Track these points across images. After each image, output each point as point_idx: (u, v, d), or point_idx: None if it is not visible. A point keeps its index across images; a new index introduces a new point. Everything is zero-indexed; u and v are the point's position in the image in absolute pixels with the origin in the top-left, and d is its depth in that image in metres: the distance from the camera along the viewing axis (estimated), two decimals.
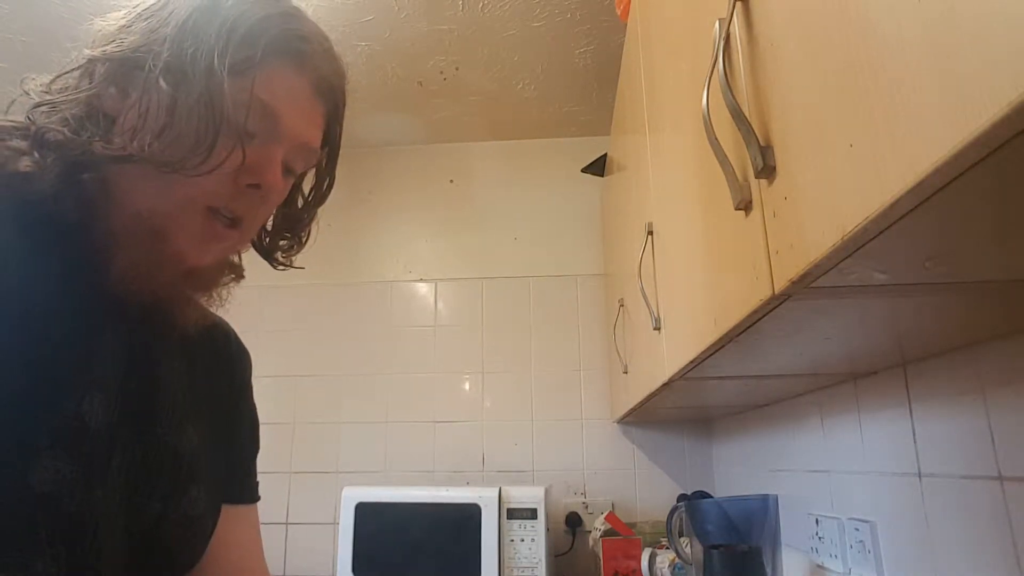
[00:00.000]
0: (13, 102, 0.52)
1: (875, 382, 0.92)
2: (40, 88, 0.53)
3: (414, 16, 1.68)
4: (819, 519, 1.10)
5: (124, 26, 0.52)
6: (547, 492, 1.70)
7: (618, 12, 1.44)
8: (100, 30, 0.53)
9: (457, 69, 1.91)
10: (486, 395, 2.09)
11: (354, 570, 1.65)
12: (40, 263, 0.49)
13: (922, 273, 0.45)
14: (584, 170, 2.17)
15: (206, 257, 0.54)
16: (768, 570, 1.08)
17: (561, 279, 2.18)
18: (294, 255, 0.68)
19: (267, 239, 0.65)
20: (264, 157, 0.53)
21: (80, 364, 0.49)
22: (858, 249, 0.39)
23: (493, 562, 1.59)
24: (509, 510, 1.64)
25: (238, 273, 0.62)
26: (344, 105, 0.62)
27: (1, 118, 0.51)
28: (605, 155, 2.00)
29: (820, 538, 1.09)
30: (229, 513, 0.65)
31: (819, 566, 1.10)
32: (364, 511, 1.70)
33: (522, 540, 1.62)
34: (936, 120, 0.29)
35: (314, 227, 0.68)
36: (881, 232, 0.36)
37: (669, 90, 0.91)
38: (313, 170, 0.63)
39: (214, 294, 0.60)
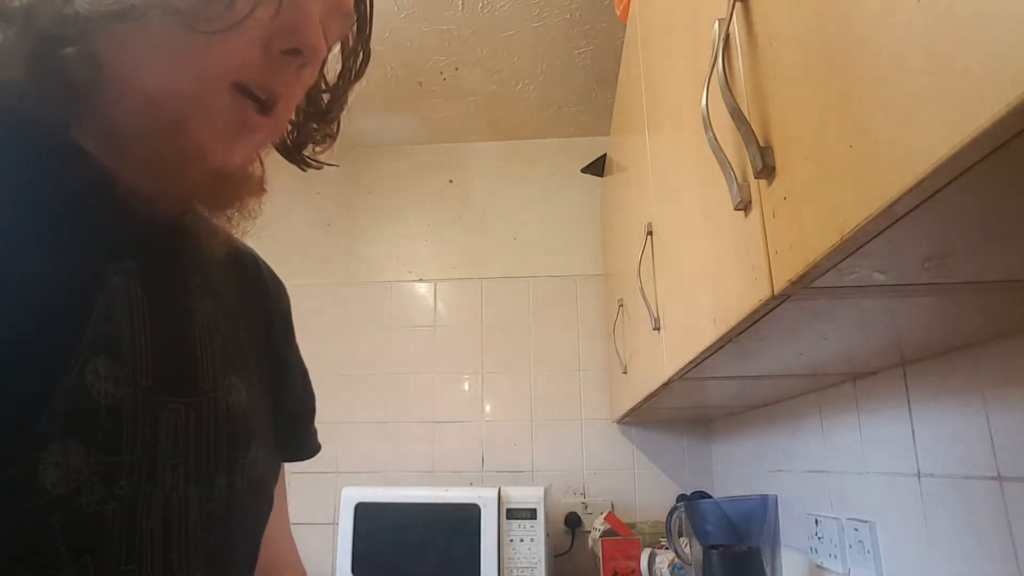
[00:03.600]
0: None
1: (874, 382, 0.92)
2: None
3: (414, 16, 1.68)
4: (818, 519, 1.10)
5: None
6: (546, 492, 1.70)
7: (618, 12, 1.44)
8: None
9: (457, 69, 1.91)
10: (486, 395, 2.09)
11: (353, 570, 1.65)
12: (27, 189, 0.37)
13: (921, 273, 0.45)
14: (584, 170, 2.18)
15: (235, 155, 0.43)
16: (767, 570, 1.08)
17: (561, 279, 2.18)
18: (326, 150, 0.56)
19: (293, 131, 0.54)
20: (300, 14, 0.41)
21: (79, 320, 0.36)
22: (857, 249, 0.39)
23: (492, 562, 1.59)
24: (508, 510, 1.64)
25: (258, 189, 0.48)
26: None
27: None
28: (605, 155, 2.00)
29: (819, 538, 1.09)
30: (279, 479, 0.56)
31: (818, 566, 1.10)
32: (363, 511, 1.70)
33: (521, 540, 1.62)
34: (935, 120, 0.29)
35: (344, 118, 0.56)
36: (880, 232, 0.37)
37: (669, 90, 0.91)
38: (338, 45, 0.53)
39: (238, 213, 0.47)
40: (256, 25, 0.39)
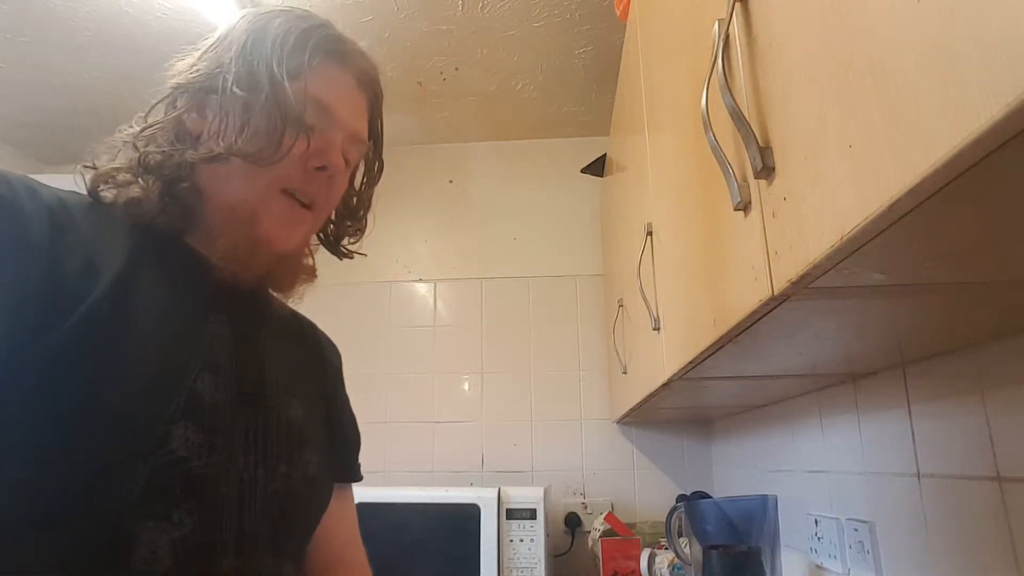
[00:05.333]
0: (120, 152, 0.62)
1: (874, 382, 0.92)
2: (136, 121, 0.63)
3: (414, 16, 1.68)
4: (818, 519, 1.10)
5: (196, 59, 0.63)
6: (546, 492, 1.69)
7: (618, 13, 1.44)
8: (177, 66, 0.64)
9: (457, 69, 1.91)
10: (485, 395, 2.09)
11: None
12: (159, 270, 0.58)
13: (921, 274, 0.45)
14: (583, 170, 2.18)
15: (291, 239, 0.63)
16: (767, 570, 1.08)
17: (560, 279, 2.18)
18: (358, 241, 0.79)
19: (333, 228, 0.76)
20: (325, 143, 0.63)
21: (194, 349, 0.56)
22: (857, 250, 0.39)
23: (492, 562, 1.59)
24: (508, 510, 1.64)
25: (311, 274, 0.71)
26: (382, 96, 0.73)
27: (112, 164, 0.61)
28: (604, 155, 2.00)
29: (819, 538, 1.09)
30: (342, 493, 0.78)
31: (818, 566, 1.10)
32: (363, 511, 1.67)
33: (521, 540, 1.62)
34: (935, 121, 0.29)
35: (370, 217, 0.78)
36: (880, 233, 0.36)
37: (668, 91, 0.91)
38: (363, 160, 0.74)
39: (293, 292, 0.70)
40: (296, 156, 0.61)
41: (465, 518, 1.63)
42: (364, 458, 0.93)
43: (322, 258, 0.77)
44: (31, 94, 1.96)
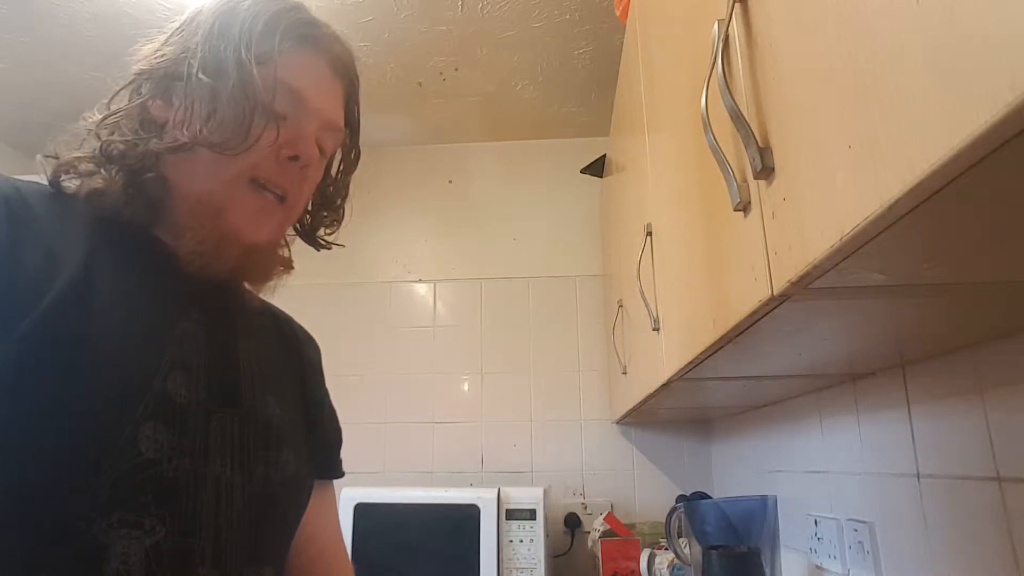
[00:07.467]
0: (84, 141, 0.59)
1: (874, 383, 0.92)
2: (99, 108, 0.60)
3: (413, 17, 1.68)
4: (818, 520, 1.10)
5: (161, 44, 0.61)
6: (546, 493, 1.69)
7: (617, 13, 1.44)
8: (142, 51, 0.61)
9: (456, 70, 1.91)
10: (485, 396, 2.09)
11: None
12: (124, 264, 0.55)
13: (920, 274, 0.45)
14: (583, 171, 2.17)
15: (260, 232, 0.61)
16: (767, 571, 1.08)
17: (560, 280, 2.18)
18: (335, 232, 0.75)
19: (309, 218, 0.72)
20: (298, 132, 0.60)
21: (163, 347, 0.54)
22: (857, 250, 0.39)
23: (492, 563, 1.59)
24: (508, 511, 1.64)
25: (287, 265, 0.68)
26: (358, 83, 0.70)
27: (74, 152, 0.58)
28: (604, 156, 2.00)
29: (819, 539, 1.09)
30: (324, 490, 0.74)
31: (818, 567, 1.10)
32: (363, 512, 1.69)
33: (521, 541, 1.62)
34: (934, 122, 0.29)
35: (347, 206, 0.75)
36: (880, 233, 0.36)
37: (668, 91, 0.91)
38: (339, 148, 0.71)
39: (268, 284, 0.67)
40: (266, 145, 0.58)
41: (465, 519, 1.63)
42: (364, 459, 0.93)
43: (321, 258, 0.77)
44: (31, 94, 1.96)
